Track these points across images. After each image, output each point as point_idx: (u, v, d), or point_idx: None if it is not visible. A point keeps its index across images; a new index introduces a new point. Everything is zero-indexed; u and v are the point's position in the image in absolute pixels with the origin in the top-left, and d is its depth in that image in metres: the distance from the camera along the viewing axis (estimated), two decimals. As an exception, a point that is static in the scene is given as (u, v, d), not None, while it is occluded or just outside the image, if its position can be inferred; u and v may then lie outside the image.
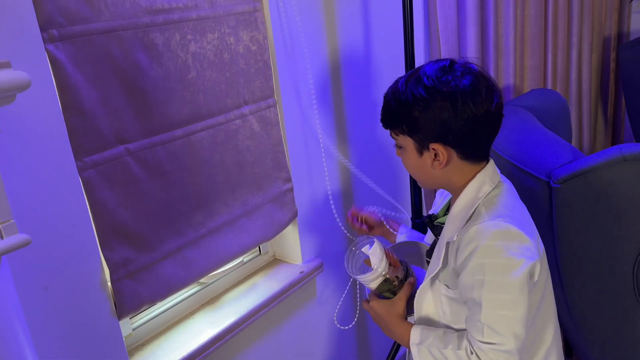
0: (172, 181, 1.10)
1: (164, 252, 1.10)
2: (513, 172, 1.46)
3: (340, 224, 1.50)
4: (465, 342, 0.93)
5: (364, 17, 1.55)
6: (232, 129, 1.22)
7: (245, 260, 1.45)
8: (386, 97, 0.99)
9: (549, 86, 2.32)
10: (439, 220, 1.08)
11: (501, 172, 1.61)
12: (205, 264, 1.20)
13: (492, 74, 1.95)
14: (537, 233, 0.98)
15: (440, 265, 0.98)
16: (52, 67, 0.89)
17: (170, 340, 1.21)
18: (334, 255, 1.59)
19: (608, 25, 2.73)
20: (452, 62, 0.94)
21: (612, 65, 2.81)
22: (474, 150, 0.96)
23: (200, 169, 1.16)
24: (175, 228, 1.12)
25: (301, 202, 1.45)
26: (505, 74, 2.04)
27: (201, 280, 1.33)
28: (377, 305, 1.08)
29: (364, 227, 1.27)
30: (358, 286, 1.68)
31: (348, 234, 1.57)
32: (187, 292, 1.31)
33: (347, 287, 1.65)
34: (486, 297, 0.89)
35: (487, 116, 0.92)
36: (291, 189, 1.40)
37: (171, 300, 1.28)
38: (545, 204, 1.31)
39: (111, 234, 1.01)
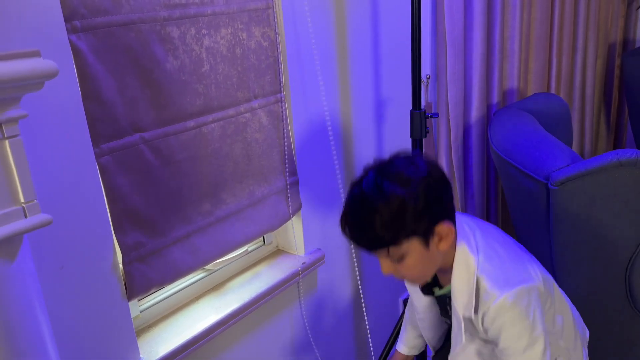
0: (183, 170, 1.14)
1: (174, 238, 1.15)
2: (512, 173, 1.49)
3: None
4: None
5: (373, 17, 1.59)
6: (242, 121, 1.26)
7: (249, 249, 1.49)
8: (369, 223, 0.92)
9: (553, 90, 2.35)
10: (440, 292, 1.13)
11: (501, 173, 1.65)
12: (212, 251, 1.25)
13: (496, 76, 1.99)
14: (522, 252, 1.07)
15: (464, 338, 1.06)
16: (74, 57, 0.93)
17: (176, 324, 1.26)
18: (336, 248, 1.63)
19: (614, 31, 2.76)
20: (396, 159, 0.97)
21: (617, 71, 2.84)
22: (453, 210, 1.01)
23: (210, 160, 1.20)
24: (184, 215, 1.16)
25: (305, 195, 1.49)
26: (509, 77, 2.07)
27: (207, 267, 1.37)
28: None
29: None
30: (358, 279, 1.72)
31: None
32: (193, 278, 1.36)
33: (348, 280, 1.70)
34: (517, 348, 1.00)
35: (445, 177, 1.00)
36: (297, 182, 1.44)
37: (178, 285, 1.33)
38: (543, 205, 1.35)
39: (124, 218, 1.05)
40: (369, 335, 1.84)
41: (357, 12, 1.53)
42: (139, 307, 1.24)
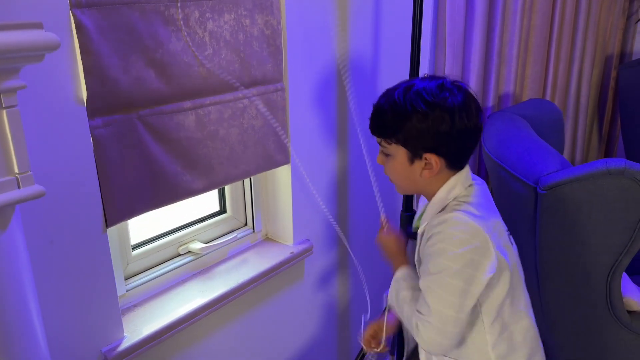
0: (177, 149, 1.14)
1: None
2: (503, 176, 1.51)
3: (331, 215, 1.55)
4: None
5: (374, 15, 1.60)
6: (239, 107, 1.26)
7: (238, 236, 1.50)
8: (381, 107, 1.03)
9: (548, 97, 2.38)
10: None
11: (491, 175, 1.67)
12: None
13: (493, 80, 2.00)
14: (501, 230, 1.05)
15: (415, 261, 1.10)
16: (77, 32, 0.92)
17: (161, 305, 1.26)
18: (324, 240, 1.64)
19: (612, 43, 2.78)
20: (445, 81, 1.01)
21: (612, 83, 2.87)
22: (460, 159, 1.04)
23: (205, 142, 1.20)
24: (176, 195, 1.17)
25: (298, 186, 1.50)
26: (506, 81, 2.09)
27: (195, 251, 1.38)
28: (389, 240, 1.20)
29: None
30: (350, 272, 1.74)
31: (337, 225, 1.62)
32: (180, 261, 1.37)
33: (335, 272, 1.71)
34: (432, 270, 0.99)
35: (475, 129, 1.01)
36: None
37: (165, 267, 1.33)
38: (531, 209, 1.37)
39: (115, 193, 1.05)
40: (351, 330, 1.86)
41: (360, 8, 1.53)
42: (125, 285, 1.24)
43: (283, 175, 1.48)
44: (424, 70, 1.86)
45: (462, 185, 1.04)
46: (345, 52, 1.53)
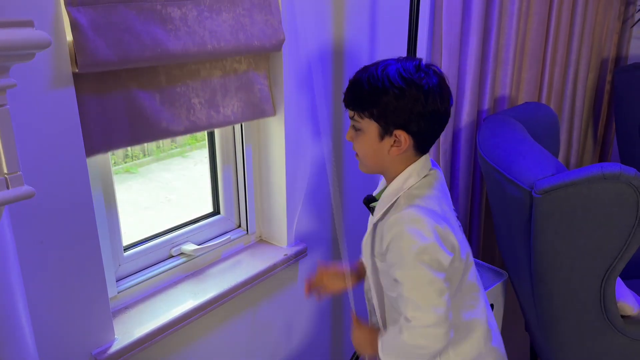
0: (155, 83, 1.13)
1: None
2: (498, 179, 1.51)
3: (329, 213, 1.54)
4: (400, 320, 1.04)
5: (371, 16, 1.59)
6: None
7: (232, 237, 1.49)
8: (358, 80, 1.04)
9: (544, 100, 2.38)
10: (373, 204, 1.16)
11: (486, 178, 1.66)
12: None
13: (489, 82, 2.00)
14: (451, 219, 1.08)
15: (369, 243, 1.10)
16: (72, 30, 0.91)
17: (153, 307, 1.25)
18: (319, 242, 1.63)
19: (607, 47, 2.79)
20: (421, 62, 1.03)
21: (607, 87, 2.87)
22: (426, 142, 1.07)
23: (185, 80, 1.18)
24: (156, 132, 1.15)
25: (293, 187, 1.49)
26: (502, 84, 2.09)
27: (188, 253, 1.37)
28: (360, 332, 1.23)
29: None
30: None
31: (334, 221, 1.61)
32: (173, 262, 1.35)
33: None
34: (404, 275, 1.01)
35: (445, 114, 1.05)
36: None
37: (157, 269, 1.32)
38: (526, 212, 1.37)
39: (93, 124, 1.04)
40: (345, 334, 1.85)
41: (356, 10, 1.53)
42: (116, 287, 1.23)
43: (278, 176, 1.47)
44: (420, 72, 1.85)
45: (417, 175, 1.07)
46: (340, 54, 1.52)
